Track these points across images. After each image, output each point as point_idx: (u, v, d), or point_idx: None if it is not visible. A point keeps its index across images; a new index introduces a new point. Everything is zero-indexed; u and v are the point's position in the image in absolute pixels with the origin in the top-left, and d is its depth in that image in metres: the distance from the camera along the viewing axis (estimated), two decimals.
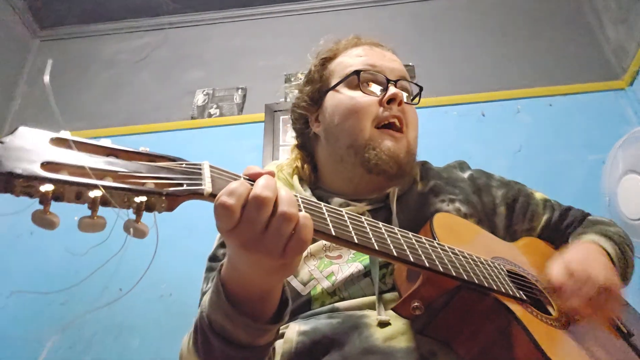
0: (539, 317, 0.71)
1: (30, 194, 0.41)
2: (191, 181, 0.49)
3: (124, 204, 0.45)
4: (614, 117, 2.13)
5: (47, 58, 2.77)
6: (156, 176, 0.47)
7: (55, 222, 0.42)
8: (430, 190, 0.96)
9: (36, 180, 0.40)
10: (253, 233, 0.51)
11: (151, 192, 0.45)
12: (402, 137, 0.92)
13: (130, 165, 0.47)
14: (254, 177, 0.54)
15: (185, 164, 0.51)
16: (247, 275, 0.59)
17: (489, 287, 0.67)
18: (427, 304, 0.67)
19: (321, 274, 0.83)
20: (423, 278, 0.67)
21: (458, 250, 0.71)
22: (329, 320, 0.76)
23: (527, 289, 0.77)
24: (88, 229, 0.44)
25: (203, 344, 0.67)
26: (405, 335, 0.71)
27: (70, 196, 0.42)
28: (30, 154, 0.42)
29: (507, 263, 0.81)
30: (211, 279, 0.89)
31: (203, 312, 0.66)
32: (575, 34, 2.40)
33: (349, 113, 0.93)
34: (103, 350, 1.87)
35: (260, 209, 0.50)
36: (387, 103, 0.91)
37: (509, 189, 1.02)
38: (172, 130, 2.41)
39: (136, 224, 0.45)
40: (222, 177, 0.53)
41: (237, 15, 2.78)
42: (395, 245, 0.62)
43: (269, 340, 0.66)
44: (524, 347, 0.63)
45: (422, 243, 0.67)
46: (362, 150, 0.90)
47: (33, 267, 2.07)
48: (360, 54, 0.99)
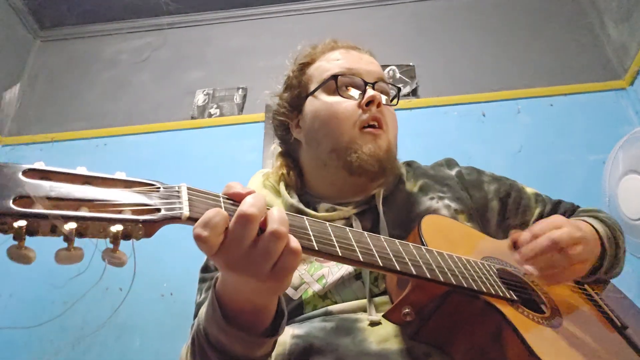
0: (530, 317, 0.70)
1: (4, 230, 0.40)
2: (169, 205, 0.48)
3: (100, 234, 0.44)
4: (614, 117, 2.13)
5: (48, 58, 2.77)
6: (133, 203, 0.46)
7: (32, 256, 0.42)
8: (419, 189, 0.96)
9: (8, 216, 0.40)
10: (239, 253, 0.50)
11: (127, 220, 0.44)
12: (383, 134, 0.92)
13: (107, 193, 0.46)
14: (234, 196, 0.54)
15: (162, 187, 0.50)
16: (237, 291, 0.59)
17: (478, 290, 0.67)
18: (417, 309, 0.67)
19: (312, 277, 0.83)
20: (412, 284, 0.67)
21: (447, 254, 0.71)
22: (323, 324, 0.76)
23: (519, 288, 0.77)
24: (65, 262, 0.43)
25: (200, 355, 0.67)
26: (399, 338, 0.71)
27: (45, 230, 0.42)
28: (3, 189, 0.41)
29: (498, 262, 0.81)
30: (204, 289, 0.90)
31: (200, 325, 0.66)
32: (576, 34, 2.40)
33: (329, 118, 0.93)
34: (104, 350, 1.87)
35: (246, 227, 0.50)
36: (365, 105, 0.91)
37: (500, 184, 1.03)
38: (173, 130, 2.41)
39: (113, 253, 0.45)
40: (200, 198, 0.52)
41: (237, 15, 2.78)
42: (381, 255, 0.62)
43: (266, 352, 0.66)
44: (515, 348, 0.63)
45: (409, 250, 0.67)
46: (344, 154, 0.90)
47: (33, 267, 2.06)
48: (337, 58, 0.99)
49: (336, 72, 0.95)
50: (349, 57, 0.99)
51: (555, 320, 0.74)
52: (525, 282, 0.80)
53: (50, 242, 0.45)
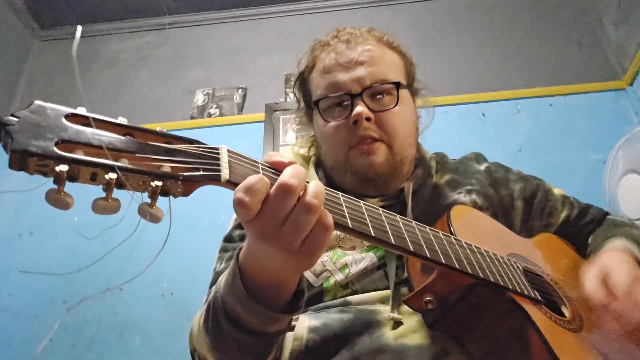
0: (553, 319, 0.70)
1: (45, 173, 0.40)
2: (208, 166, 0.48)
3: (140, 187, 0.43)
4: (614, 117, 2.13)
5: (48, 58, 2.77)
6: (173, 159, 0.46)
7: (70, 202, 0.41)
8: (446, 184, 0.95)
9: (51, 159, 0.39)
10: (273, 224, 0.50)
11: (167, 177, 0.44)
12: (380, 146, 0.88)
13: (147, 146, 0.45)
14: (275, 165, 0.53)
15: (202, 147, 0.49)
16: (263, 264, 0.58)
17: (504, 286, 0.66)
18: (440, 298, 0.66)
19: (334, 265, 0.82)
20: (438, 272, 0.66)
21: (475, 247, 0.70)
22: (340, 315, 0.75)
23: (542, 289, 0.76)
24: (102, 211, 0.43)
25: (213, 325, 0.66)
26: (417, 333, 0.70)
27: (85, 177, 0.41)
28: (46, 131, 0.40)
29: (523, 260, 0.80)
30: (225, 259, 0.89)
31: (217, 293, 0.65)
32: (575, 34, 2.40)
33: (323, 140, 0.95)
34: (105, 348, 1.87)
35: (285, 198, 0.49)
36: (353, 124, 0.88)
37: (527, 183, 1.01)
38: (172, 130, 2.40)
39: (151, 208, 0.44)
40: (240, 163, 0.51)
41: (238, 15, 2.78)
42: (412, 240, 0.61)
43: (281, 328, 0.65)
44: (536, 349, 0.63)
45: (439, 238, 0.66)
46: (342, 173, 0.92)
47: (34, 267, 2.07)
48: (327, 69, 0.93)
49: (320, 94, 0.93)
50: (337, 64, 0.92)
51: (577, 325, 0.73)
52: (548, 284, 0.80)
53: (50, 242, 0.44)
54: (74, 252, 2.02)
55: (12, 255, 2.11)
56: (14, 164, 0.38)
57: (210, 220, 1.94)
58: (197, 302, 0.89)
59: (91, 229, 0.67)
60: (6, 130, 0.39)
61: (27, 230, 2.15)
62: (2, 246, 2.15)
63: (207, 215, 1.97)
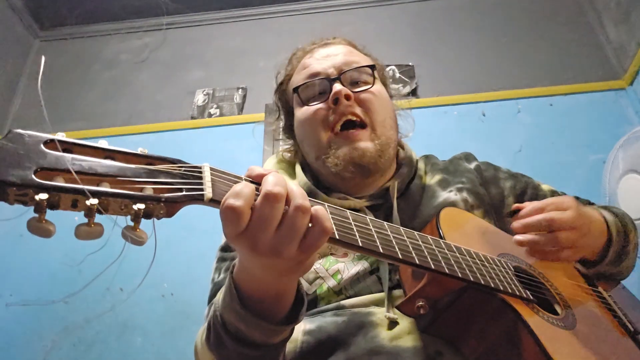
0: (545, 318, 0.70)
1: (25, 203, 0.39)
2: (191, 186, 0.47)
3: (122, 211, 0.43)
4: (614, 117, 2.13)
5: (47, 58, 2.77)
6: (155, 181, 0.45)
7: (51, 230, 0.41)
8: (437, 184, 0.96)
9: (30, 188, 0.38)
10: (265, 234, 0.49)
11: (149, 199, 0.44)
12: (365, 132, 0.89)
13: (128, 169, 0.45)
14: (256, 178, 0.53)
15: (185, 167, 0.49)
16: (259, 278, 0.57)
17: (495, 288, 0.67)
18: (431, 303, 0.67)
19: (327, 272, 0.82)
20: (428, 277, 0.67)
21: (464, 249, 0.71)
22: (335, 318, 0.75)
23: (534, 288, 0.76)
24: (85, 237, 0.43)
25: (216, 341, 0.67)
26: (411, 335, 0.70)
27: (66, 204, 0.41)
28: (24, 160, 0.40)
29: (514, 260, 0.81)
30: (223, 269, 0.89)
31: (217, 312, 0.66)
32: (575, 34, 2.40)
33: (305, 128, 0.95)
34: (106, 349, 1.87)
35: (274, 206, 0.48)
36: (333, 104, 0.89)
37: (516, 181, 1.02)
38: (173, 130, 2.41)
39: (134, 231, 0.44)
40: (223, 180, 0.50)
41: (237, 16, 2.78)
42: (401, 247, 0.61)
43: (284, 338, 0.65)
44: (529, 349, 0.63)
45: (428, 243, 0.66)
46: (326, 159, 0.90)
47: (35, 267, 2.07)
48: (305, 66, 0.98)
49: (297, 85, 0.96)
50: (315, 61, 0.97)
51: (569, 322, 0.74)
52: (540, 282, 0.80)
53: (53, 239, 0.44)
54: (74, 252, 2.02)
55: (13, 256, 2.11)
56: None
57: (210, 221, 1.92)
58: (197, 302, 0.89)
59: (77, 252, 0.68)
60: None
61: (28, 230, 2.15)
62: (3, 246, 2.15)
63: (207, 216, 1.96)
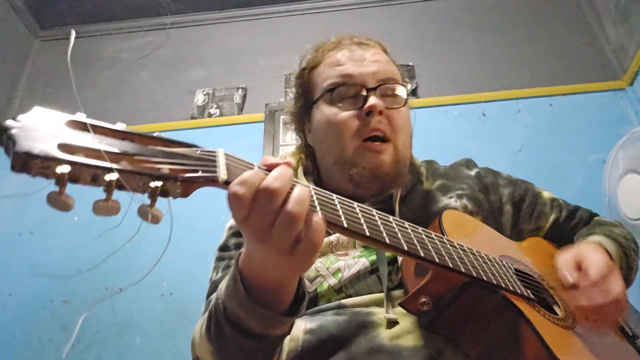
0: (547, 317, 0.70)
1: (47, 175, 0.40)
2: (206, 168, 0.48)
3: (139, 188, 0.44)
4: (614, 117, 2.13)
5: (48, 58, 2.77)
6: (171, 162, 0.46)
7: (71, 204, 0.41)
8: (438, 189, 0.96)
9: (53, 161, 0.39)
10: (262, 225, 0.51)
11: (166, 177, 0.45)
12: (388, 147, 0.89)
13: (146, 149, 0.46)
14: (270, 167, 0.53)
15: (200, 150, 0.50)
16: (260, 265, 0.58)
17: (497, 285, 0.67)
18: (435, 299, 0.67)
19: (327, 270, 0.83)
20: (432, 273, 0.67)
21: (467, 247, 0.71)
22: (336, 317, 0.75)
23: (534, 288, 0.77)
24: (102, 213, 0.43)
25: (216, 331, 0.67)
26: (412, 334, 0.71)
27: (86, 178, 0.42)
28: (46, 135, 0.41)
29: (514, 261, 0.81)
30: (221, 268, 0.89)
31: (219, 299, 0.66)
32: (575, 34, 2.40)
33: (330, 131, 0.92)
34: (104, 348, 1.87)
35: (269, 201, 0.49)
36: (366, 115, 0.88)
37: (516, 187, 1.02)
38: (173, 130, 2.41)
39: (151, 209, 0.45)
40: (237, 165, 0.52)
41: (238, 15, 2.78)
42: (406, 240, 0.61)
43: (283, 332, 0.65)
44: (531, 346, 0.63)
45: (431, 238, 0.66)
46: (347, 167, 0.90)
47: (34, 266, 2.07)
48: (338, 62, 0.94)
49: (333, 82, 0.93)
50: (350, 60, 0.94)
51: (570, 323, 0.74)
52: (540, 284, 0.80)
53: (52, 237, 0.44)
54: (74, 252, 2.02)
55: (12, 255, 2.11)
56: (16, 166, 0.39)
57: (210, 221, 1.94)
58: (197, 302, 0.89)
59: (91, 230, 0.67)
60: (8, 134, 0.40)
61: (27, 230, 2.15)
62: (2, 246, 2.15)
63: (207, 216, 1.97)
